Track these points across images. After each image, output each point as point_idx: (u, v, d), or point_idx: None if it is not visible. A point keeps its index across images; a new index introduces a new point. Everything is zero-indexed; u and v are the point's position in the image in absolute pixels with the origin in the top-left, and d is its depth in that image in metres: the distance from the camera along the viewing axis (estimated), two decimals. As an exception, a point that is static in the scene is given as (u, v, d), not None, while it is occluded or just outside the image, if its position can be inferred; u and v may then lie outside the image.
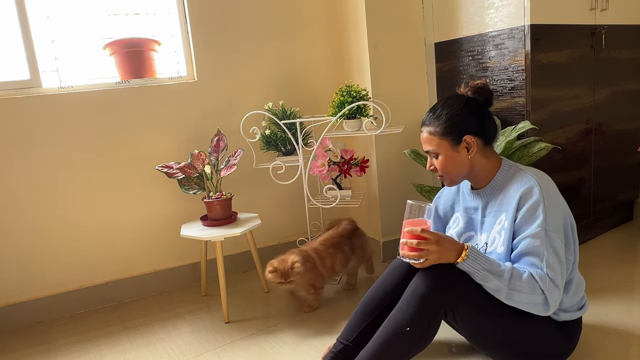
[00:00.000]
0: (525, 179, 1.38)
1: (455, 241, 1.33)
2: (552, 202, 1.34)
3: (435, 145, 1.42)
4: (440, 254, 1.29)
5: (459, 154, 1.42)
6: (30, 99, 2.10)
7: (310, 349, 1.77)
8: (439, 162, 1.44)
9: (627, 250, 2.42)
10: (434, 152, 1.44)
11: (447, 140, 1.41)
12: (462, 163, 1.43)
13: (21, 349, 1.97)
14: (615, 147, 2.56)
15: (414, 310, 1.31)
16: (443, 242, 1.29)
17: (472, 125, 1.41)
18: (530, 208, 1.32)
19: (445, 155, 1.42)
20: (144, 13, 2.36)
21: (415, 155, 2.19)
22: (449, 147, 1.41)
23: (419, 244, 1.28)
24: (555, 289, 1.28)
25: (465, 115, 1.41)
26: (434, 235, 1.28)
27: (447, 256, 1.30)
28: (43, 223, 2.17)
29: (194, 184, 2.16)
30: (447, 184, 1.51)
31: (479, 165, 1.44)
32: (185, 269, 2.46)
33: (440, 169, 1.45)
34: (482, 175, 1.45)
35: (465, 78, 2.36)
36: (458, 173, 1.45)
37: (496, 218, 1.42)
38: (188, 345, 1.88)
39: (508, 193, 1.40)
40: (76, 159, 2.20)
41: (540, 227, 1.30)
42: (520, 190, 1.35)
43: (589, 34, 2.30)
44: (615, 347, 1.61)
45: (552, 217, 1.32)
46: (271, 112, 2.28)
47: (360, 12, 2.41)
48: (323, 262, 2.02)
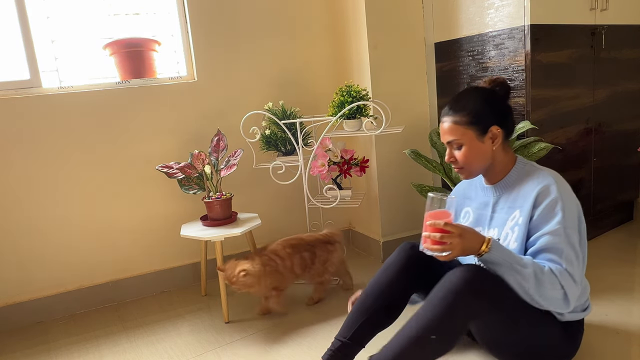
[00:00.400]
0: (541, 176, 1.38)
1: (477, 233, 1.30)
2: (568, 200, 1.35)
3: (460, 135, 1.40)
4: (463, 247, 1.25)
5: (484, 144, 1.41)
6: (30, 99, 2.10)
7: (310, 349, 1.77)
8: (462, 153, 1.42)
9: (627, 250, 2.42)
10: (457, 142, 1.42)
11: (474, 129, 1.39)
12: (485, 154, 1.42)
13: (21, 349, 1.97)
14: (615, 147, 2.56)
15: (442, 312, 1.28)
16: (466, 234, 1.26)
17: (497, 116, 1.41)
18: (549, 205, 1.32)
19: (469, 146, 1.40)
20: (144, 13, 2.36)
21: (415, 155, 2.19)
22: (475, 137, 1.40)
23: (442, 238, 1.24)
24: (574, 284, 1.28)
25: (491, 106, 1.41)
26: (457, 228, 1.25)
27: (470, 249, 1.27)
28: (43, 223, 2.17)
29: (194, 184, 2.16)
30: (464, 176, 1.49)
31: (498, 158, 1.44)
32: (185, 269, 2.46)
33: (462, 160, 1.43)
34: (498, 169, 1.45)
35: (466, 78, 2.36)
36: (480, 165, 1.44)
37: (509, 214, 1.42)
38: (188, 345, 1.88)
39: (523, 190, 1.40)
40: (76, 159, 2.20)
41: (559, 225, 1.30)
42: (538, 187, 1.35)
43: (589, 34, 2.30)
44: (615, 347, 1.61)
45: (569, 215, 1.32)
46: (271, 112, 2.28)
47: (360, 12, 2.41)
48: (284, 263, 1.99)
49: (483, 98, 1.42)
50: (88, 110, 2.19)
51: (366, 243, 2.70)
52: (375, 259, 2.61)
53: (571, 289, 1.28)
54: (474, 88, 1.48)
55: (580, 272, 1.33)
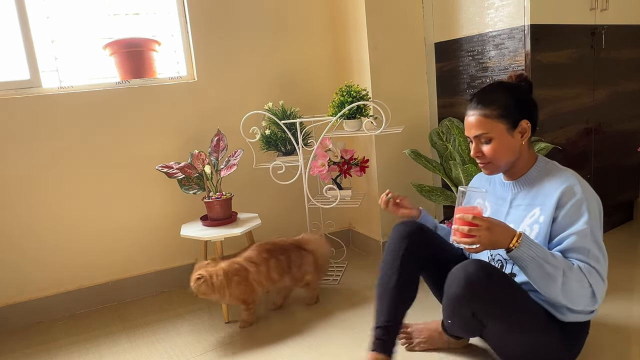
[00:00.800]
0: (564, 176, 1.37)
1: (508, 227, 1.29)
2: (592, 200, 1.34)
3: (490, 128, 1.38)
4: (491, 240, 1.26)
5: (514, 138, 1.39)
6: (30, 99, 2.10)
7: (310, 349, 1.77)
8: (490, 147, 1.39)
9: (627, 250, 2.42)
10: (486, 136, 1.39)
11: (505, 123, 1.38)
12: (514, 149, 1.40)
13: (21, 349, 1.97)
14: (615, 147, 2.56)
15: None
16: (495, 228, 1.26)
17: (526, 110, 1.40)
18: (574, 206, 1.31)
19: (499, 140, 1.38)
20: (144, 13, 2.36)
21: (415, 155, 2.19)
22: (505, 130, 1.38)
23: (470, 231, 1.25)
24: (601, 281, 1.29)
25: (520, 100, 1.40)
26: (485, 222, 1.25)
27: (499, 242, 1.27)
28: (43, 223, 2.17)
29: (194, 184, 2.16)
30: (489, 172, 1.46)
31: (523, 154, 1.43)
32: (185, 269, 2.45)
33: (490, 154, 1.40)
34: (521, 165, 1.44)
35: (466, 78, 2.36)
36: (507, 160, 1.42)
37: (527, 211, 1.41)
38: (188, 345, 1.88)
39: (544, 188, 1.39)
40: (76, 159, 2.20)
41: (586, 225, 1.29)
42: (561, 187, 1.34)
43: (589, 34, 2.30)
44: (615, 347, 1.61)
45: (594, 215, 1.32)
46: (271, 112, 2.28)
47: (360, 12, 2.41)
48: (258, 269, 1.92)
49: (511, 92, 1.41)
50: (88, 110, 2.19)
51: (366, 243, 2.70)
52: (375, 258, 2.61)
53: (599, 287, 1.28)
54: (501, 82, 1.46)
55: (606, 270, 1.32)
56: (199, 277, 1.82)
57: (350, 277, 2.39)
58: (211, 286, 1.83)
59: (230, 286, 1.86)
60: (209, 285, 1.83)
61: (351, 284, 2.29)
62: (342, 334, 1.85)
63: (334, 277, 2.38)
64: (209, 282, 1.83)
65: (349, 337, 1.83)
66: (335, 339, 1.83)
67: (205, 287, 1.82)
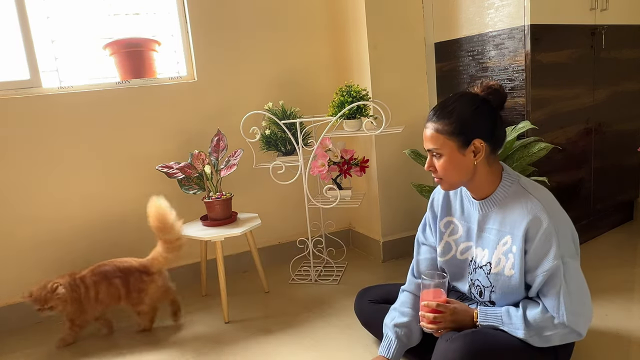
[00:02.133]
0: (530, 203, 1.31)
1: (468, 309, 1.39)
2: (560, 225, 1.30)
3: (440, 144, 1.33)
4: (455, 323, 1.37)
5: (465, 157, 1.33)
6: (30, 99, 2.10)
7: (310, 349, 1.78)
8: (440, 163, 1.35)
9: (627, 250, 2.42)
10: (437, 151, 1.35)
11: (455, 141, 1.32)
12: (465, 168, 1.34)
13: (21, 348, 1.97)
14: (615, 147, 2.56)
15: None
16: (457, 313, 1.37)
17: (483, 128, 1.33)
18: (542, 238, 1.28)
19: (449, 157, 1.33)
20: (144, 13, 2.36)
21: (415, 155, 2.19)
22: (456, 148, 1.32)
23: (435, 318, 1.37)
24: (579, 316, 1.27)
25: (479, 117, 1.32)
26: (448, 309, 1.36)
27: (462, 323, 1.37)
28: (43, 223, 2.17)
29: (194, 184, 2.16)
30: (444, 187, 1.42)
31: (480, 173, 1.36)
32: (185, 269, 2.46)
33: (440, 171, 1.36)
34: (481, 184, 1.38)
35: (465, 78, 2.36)
36: (458, 178, 1.37)
37: (499, 238, 1.37)
38: (188, 345, 1.88)
39: (511, 215, 1.34)
40: (76, 159, 2.20)
41: (556, 259, 1.26)
42: (527, 218, 1.29)
43: (589, 34, 2.30)
44: (615, 348, 1.61)
45: (563, 241, 1.29)
46: (271, 112, 2.28)
47: (360, 12, 2.41)
48: (87, 293, 1.87)
49: (471, 107, 1.33)
50: (88, 110, 2.19)
51: (366, 243, 2.70)
52: (375, 259, 2.61)
53: (576, 319, 1.26)
54: (464, 94, 1.39)
55: (585, 297, 1.31)
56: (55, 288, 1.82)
57: (350, 277, 2.39)
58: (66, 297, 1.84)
59: (67, 303, 1.84)
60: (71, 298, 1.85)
61: (351, 284, 2.29)
62: (342, 334, 1.85)
63: (334, 277, 2.38)
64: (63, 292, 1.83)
65: (348, 337, 1.83)
66: (335, 339, 1.83)
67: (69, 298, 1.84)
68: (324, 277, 2.39)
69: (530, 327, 1.28)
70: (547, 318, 1.27)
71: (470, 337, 1.30)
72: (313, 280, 2.36)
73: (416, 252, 1.62)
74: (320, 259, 2.57)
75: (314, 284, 2.33)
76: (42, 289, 1.81)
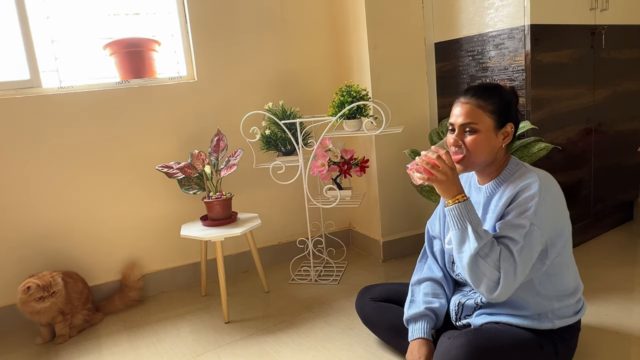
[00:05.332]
0: (527, 176, 1.36)
1: (461, 187, 1.32)
2: (547, 201, 1.32)
3: (479, 119, 1.36)
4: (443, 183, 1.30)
5: (496, 138, 1.38)
6: (30, 99, 2.10)
7: (310, 349, 1.78)
8: (472, 138, 1.37)
9: (627, 250, 2.42)
10: (473, 126, 1.36)
11: (493, 119, 1.37)
12: (493, 148, 1.39)
13: (21, 349, 1.97)
14: (615, 147, 2.56)
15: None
16: (455, 176, 1.31)
17: (514, 117, 1.43)
18: (524, 199, 1.31)
19: (484, 134, 1.36)
20: (144, 13, 2.36)
21: (415, 155, 2.18)
22: (492, 127, 1.37)
23: (432, 167, 1.29)
24: (513, 276, 1.25)
25: (513, 105, 1.43)
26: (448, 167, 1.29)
27: (447, 191, 1.31)
28: (42, 223, 2.17)
29: (194, 184, 2.16)
30: (462, 166, 1.41)
31: (499, 157, 1.42)
32: (185, 269, 2.46)
33: (470, 146, 1.37)
34: (493, 168, 1.43)
35: (466, 78, 2.36)
36: (484, 157, 1.39)
37: (497, 214, 1.40)
38: (188, 345, 1.88)
39: (508, 189, 1.38)
40: (76, 159, 2.20)
41: (527, 220, 1.28)
42: (522, 183, 1.34)
43: (589, 34, 2.30)
44: (615, 347, 1.61)
45: (542, 214, 1.30)
46: (271, 112, 2.28)
47: (360, 12, 2.41)
48: (75, 285, 2.06)
49: (509, 95, 1.44)
50: (88, 110, 2.19)
51: (366, 243, 2.70)
52: (375, 259, 2.61)
53: (508, 278, 1.25)
54: (498, 84, 1.48)
55: (524, 272, 1.28)
56: (54, 277, 1.92)
57: (350, 277, 2.39)
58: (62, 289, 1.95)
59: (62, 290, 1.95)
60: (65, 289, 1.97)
61: (351, 284, 2.29)
62: (342, 334, 1.85)
63: (334, 277, 2.38)
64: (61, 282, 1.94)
65: (348, 337, 1.83)
66: (335, 339, 1.83)
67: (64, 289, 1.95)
68: (324, 277, 2.39)
69: (486, 245, 1.26)
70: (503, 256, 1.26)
71: (474, 334, 1.32)
72: (313, 280, 2.36)
73: (427, 239, 1.69)
74: (320, 259, 2.57)
75: (314, 284, 2.33)
76: (43, 278, 1.89)
